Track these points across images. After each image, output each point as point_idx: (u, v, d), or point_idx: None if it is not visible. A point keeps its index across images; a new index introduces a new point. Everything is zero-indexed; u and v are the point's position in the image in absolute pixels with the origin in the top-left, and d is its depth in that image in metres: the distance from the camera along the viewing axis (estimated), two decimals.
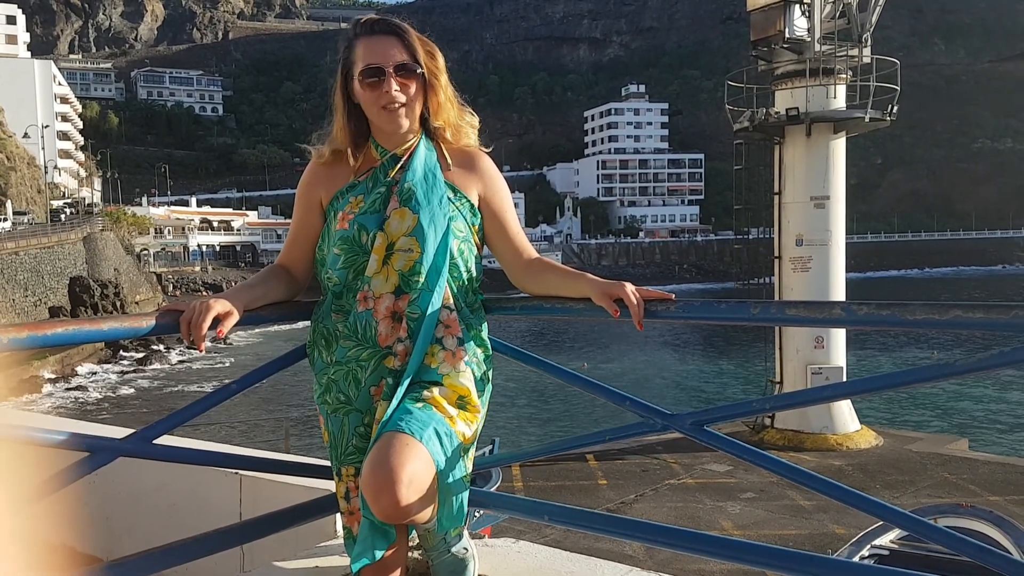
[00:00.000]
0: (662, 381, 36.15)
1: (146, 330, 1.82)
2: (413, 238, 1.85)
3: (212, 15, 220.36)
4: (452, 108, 1.98)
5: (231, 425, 23.15)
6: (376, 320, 1.86)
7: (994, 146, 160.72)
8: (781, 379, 17.56)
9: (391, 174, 1.93)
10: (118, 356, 41.85)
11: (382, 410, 1.77)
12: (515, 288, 2.11)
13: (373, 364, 1.86)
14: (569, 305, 1.99)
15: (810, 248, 16.96)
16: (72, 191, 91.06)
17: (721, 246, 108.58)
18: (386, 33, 1.91)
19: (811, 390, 1.90)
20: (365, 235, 1.88)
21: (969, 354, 1.66)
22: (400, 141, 1.95)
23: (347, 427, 1.87)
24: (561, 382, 2.22)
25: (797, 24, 16.65)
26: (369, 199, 1.91)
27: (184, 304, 1.82)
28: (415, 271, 1.85)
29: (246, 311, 1.90)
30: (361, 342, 1.86)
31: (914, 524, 1.72)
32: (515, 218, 2.10)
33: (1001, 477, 13.85)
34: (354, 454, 1.85)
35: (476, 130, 2.04)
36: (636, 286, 1.90)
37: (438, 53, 1.96)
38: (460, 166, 1.99)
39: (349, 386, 1.87)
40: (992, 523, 5.39)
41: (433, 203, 1.89)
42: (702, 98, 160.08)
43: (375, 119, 1.93)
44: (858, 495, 1.70)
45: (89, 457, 1.76)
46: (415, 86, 1.91)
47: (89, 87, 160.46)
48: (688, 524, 11.78)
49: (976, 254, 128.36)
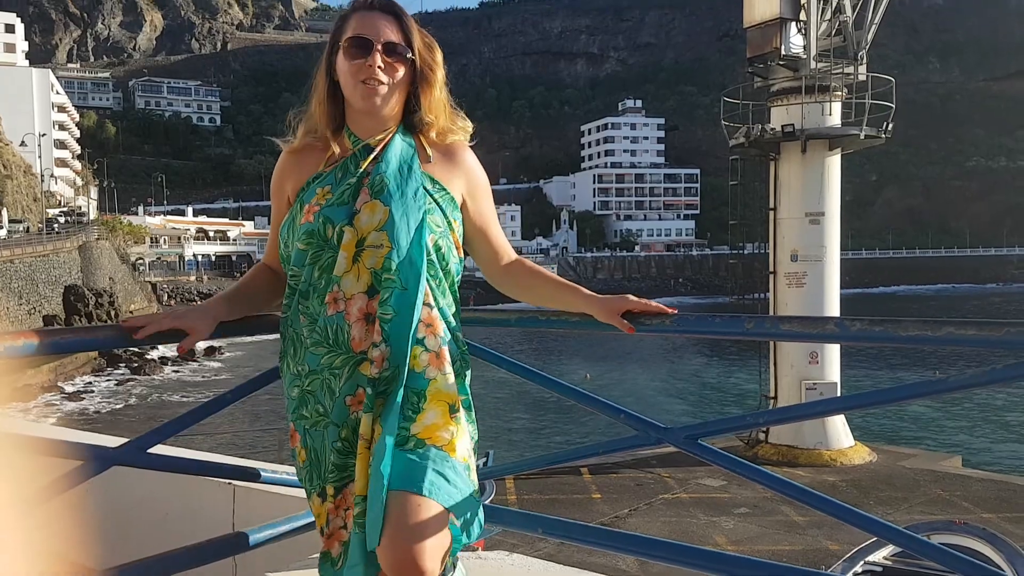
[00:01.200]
0: (657, 393, 36.14)
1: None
2: (383, 232, 1.70)
3: (211, 26, 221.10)
4: (443, 109, 1.84)
5: (225, 434, 23.06)
6: (348, 323, 1.70)
7: (988, 164, 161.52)
8: (776, 394, 17.57)
9: (363, 165, 1.77)
10: (115, 365, 41.72)
11: (366, 424, 1.66)
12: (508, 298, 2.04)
13: (347, 372, 1.70)
14: (564, 318, 1.98)
15: (805, 264, 17.01)
16: (68, 200, 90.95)
17: (716, 260, 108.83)
18: (384, 11, 1.78)
19: (803, 405, 1.91)
20: (331, 229, 1.72)
21: (959, 371, 1.67)
22: (374, 130, 1.80)
23: (327, 441, 1.72)
24: (556, 394, 2.22)
25: (793, 41, 16.76)
26: (337, 190, 1.75)
27: (145, 318, 1.78)
28: (386, 267, 1.69)
29: (222, 323, 1.84)
30: (333, 348, 1.71)
31: (907, 540, 1.73)
32: (495, 216, 1.96)
33: (994, 494, 13.84)
34: (334, 472, 1.71)
35: (468, 135, 1.90)
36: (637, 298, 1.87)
37: (437, 48, 1.83)
38: (441, 157, 1.84)
39: (325, 396, 1.72)
40: (985, 540, 5.38)
41: (407, 195, 1.74)
42: (698, 114, 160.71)
43: (351, 95, 1.77)
44: (851, 510, 1.70)
45: (83, 466, 1.76)
46: (402, 71, 1.76)
47: (87, 96, 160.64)
48: (682, 539, 11.74)
49: (970, 271, 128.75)
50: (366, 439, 1.67)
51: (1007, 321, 1.51)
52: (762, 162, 18.13)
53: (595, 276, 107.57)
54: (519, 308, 2.14)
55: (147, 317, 1.79)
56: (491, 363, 2.18)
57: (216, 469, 2.28)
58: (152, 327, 1.77)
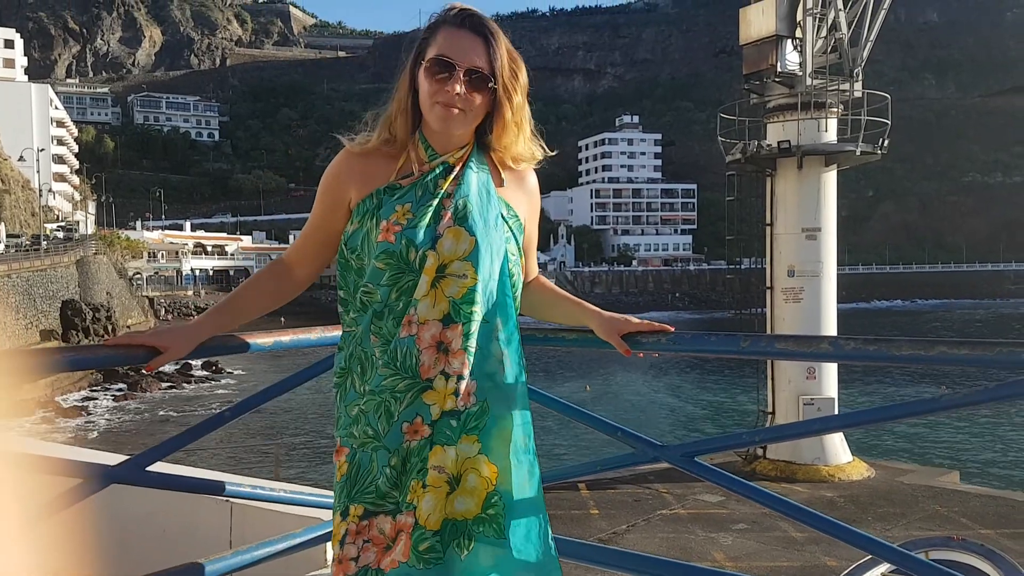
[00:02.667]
0: (656, 406, 36.12)
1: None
2: (468, 263, 1.65)
3: (210, 42, 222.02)
4: (521, 134, 1.77)
5: (223, 452, 23.00)
6: (419, 348, 1.64)
7: (984, 180, 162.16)
8: (773, 409, 17.55)
9: (443, 186, 1.71)
10: (112, 380, 41.59)
11: (441, 456, 1.63)
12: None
13: (410, 397, 1.64)
14: (562, 335, 2.00)
15: (802, 279, 17.04)
16: (66, 214, 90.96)
17: (714, 275, 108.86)
18: (474, 31, 1.69)
19: (799, 424, 1.93)
20: (413, 252, 1.65)
21: (955, 390, 1.69)
22: (451, 145, 1.74)
23: (376, 463, 1.65)
24: (551, 411, 2.23)
25: (789, 58, 16.86)
26: (419, 211, 1.68)
27: (124, 336, 1.76)
28: (469, 299, 1.65)
29: (210, 338, 1.79)
30: (399, 371, 1.64)
31: (901, 558, 1.74)
32: (536, 238, 1.93)
33: (992, 510, 13.81)
34: (373, 493, 1.64)
35: (536, 162, 1.85)
36: (636, 318, 1.87)
37: (522, 71, 1.75)
38: (512, 181, 1.80)
39: (379, 419, 1.65)
40: (983, 556, 5.38)
41: (490, 224, 1.69)
42: (695, 129, 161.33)
43: (427, 113, 1.71)
44: (844, 527, 1.71)
45: (82, 484, 1.76)
46: (481, 99, 1.70)
47: (86, 111, 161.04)
48: (680, 555, 11.71)
49: (966, 287, 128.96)
50: (443, 470, 1.63)
51: (999, 341, 1.53)
52: (758, 178, 18.20)
53: (593, 291, 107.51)
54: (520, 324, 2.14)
55: (126, 336, 1.75)
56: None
57: (214, 487, 2.28)
58: (123, 345, 1.73)
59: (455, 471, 1.64)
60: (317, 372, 2.25)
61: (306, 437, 29.61)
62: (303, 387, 2.42)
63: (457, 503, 1.64)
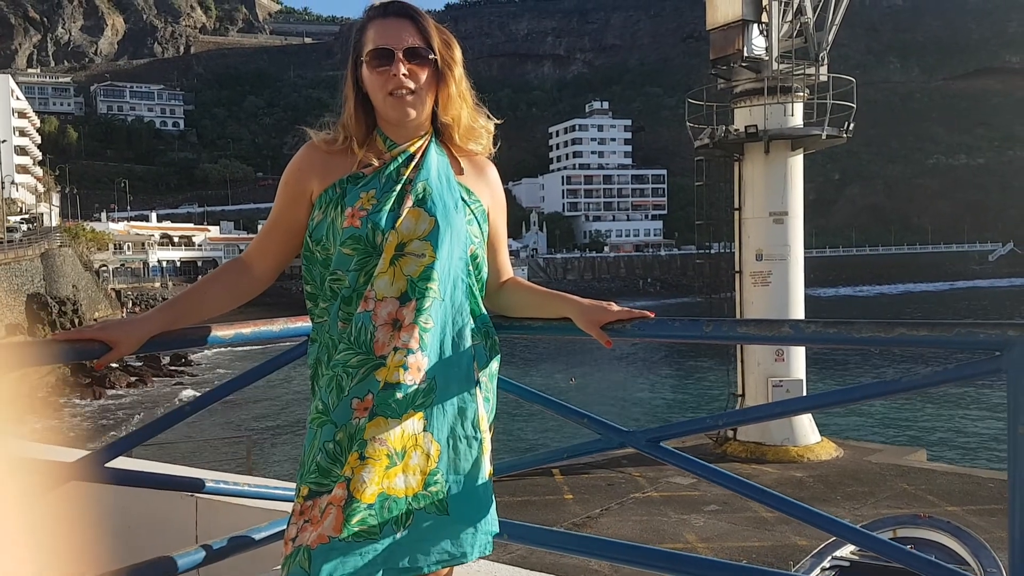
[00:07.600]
0: (629, 391, 36.33)
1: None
2: (428, 243, 1.68)
3: (174, 29, 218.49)
4: (465, 105, 1.81)
5: (192, 442, 22.78)
6: (374, 324, 1.64)
7: (948, 162, 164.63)
8: (743, 391, 17.74)
9: (404, 172, 1.74)
10: (79, 376, 40.97)
11: (381, 425, 1.60)
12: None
13: (362, 373, 1.63)
14: (541, 324, 1.97)
15: (770, 263, 17.21)
16: (30, 207, 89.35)
17: (684, 260, 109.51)
18: (399, 16, 1.74)
19: (762, 407, 1.96)
20: (379, 235, 1.68)
21: (907, 370, 1.70)
22: (409, 134, 1.78)
23: (318, 439, 1.61)
24: (518, 399, 2.22)
25: (756, 43, 16.95)
26: (383, 196, 1.71)
27: (75, 331, 1.70)
28: (425, 276, 1.67)
29: (162, 333, 1.76)
30: (352, 346, 1.64)
31: (863, 539, 1.75)
32: (506, 234, 1.96)
33: (959, 487, 14.09)
34: (315, 472, 1.60)
35: (491, 135, 1.87)
36: (613, 304, 1.87)
37: (455, 44, 1.80)
38: (471, 169, 1.84)
39: (330, 394, 1.64)
40: (950, 533, 5.47)
41: (449, 205, 1.73)
42: (664, 115, 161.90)
43: (381, 107, 1.75)
44: (809, 510, 1.72)
45: (38, 482, 1.73)
46: (426, 74, 1.74)
47: (48, 101, 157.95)
48: (653, 537, 11.82)
49: (932, 268, 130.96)
50: (384, 443, 1.60)
51: (957, 321, 1.54)
52: (727, 162, 18.33)
53: (565, 277, 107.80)
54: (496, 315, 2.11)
55: (76, 331, 1.71)
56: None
57: (178, 482, 2.25)
58: (70, 340, 1.69)
59: (399, 447, 1.63)
60: (280, 364, 2.22)
61: (280, 426, 29.47)
62: (278, 378, 2.39)
63: (398, 480, 1.62)
